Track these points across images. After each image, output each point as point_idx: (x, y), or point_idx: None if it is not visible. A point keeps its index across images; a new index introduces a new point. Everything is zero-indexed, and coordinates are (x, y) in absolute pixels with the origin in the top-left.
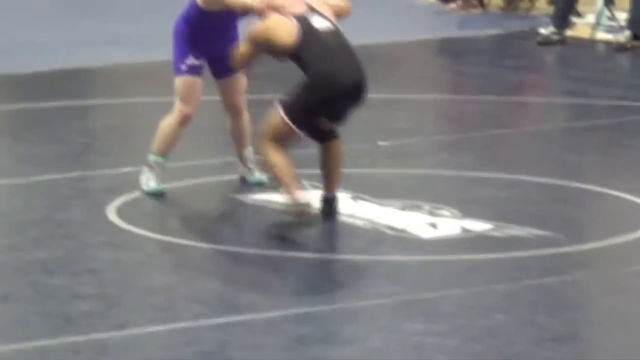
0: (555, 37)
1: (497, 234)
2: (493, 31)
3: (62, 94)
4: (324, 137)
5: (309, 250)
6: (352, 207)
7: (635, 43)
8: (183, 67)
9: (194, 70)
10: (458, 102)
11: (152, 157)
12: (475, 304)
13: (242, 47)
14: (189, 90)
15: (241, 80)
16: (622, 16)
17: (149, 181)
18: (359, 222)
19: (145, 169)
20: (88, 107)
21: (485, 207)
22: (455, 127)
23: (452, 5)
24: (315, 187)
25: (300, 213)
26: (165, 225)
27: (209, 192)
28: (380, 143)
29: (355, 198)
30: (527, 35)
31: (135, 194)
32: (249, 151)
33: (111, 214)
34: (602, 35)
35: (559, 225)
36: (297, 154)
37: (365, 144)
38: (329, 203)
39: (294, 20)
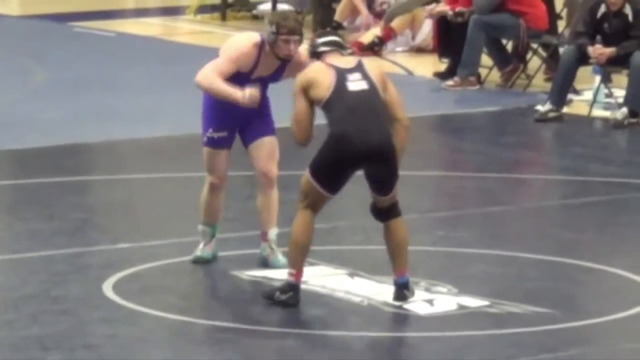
0: (552, 114)
1: (493, 310)
2: (490, 108)
3: (61, 170)
4: (383, 215)
5: (306, 326)
6: (349, 284)
7: (633, 120)
8: (205, 138)
9: (213, 143)
10: (456, 179)
11: (199, 227)
12: None
13: (295, 107)
14: (211, 160)
15: (272, 144)
16: (620, 93)
17: (196, 249)
18: (356, 299)
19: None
20: (87, 182)
21: (481, 284)
22: (452, 204)
23: (449, 82)
24: (312, 264)
25: (290, 298)
26: (162, 301)
27: (206, 267)
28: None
29: (351, 275)
30: (525, 112)
31: (133, 270)
32: (273, 232)
33: (108, 289)
34: (599, 112)
35: (555, 302)
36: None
37: (361, 220)
38: (399, 288)
39: (334, 74)
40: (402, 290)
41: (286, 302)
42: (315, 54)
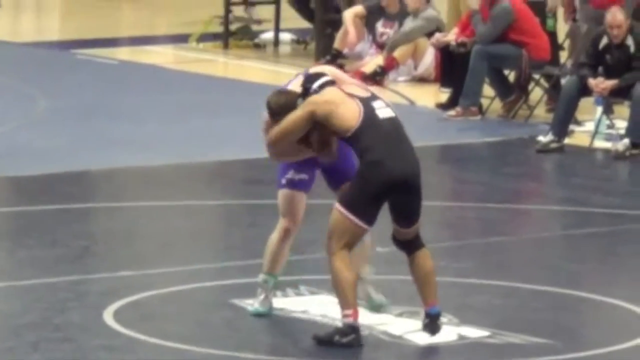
0: (554, 145)
1: (494, 341)
2: (492, 138)
3: (62, 197)
4: (408, 247)
5: (306, 356)
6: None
7: (634, 152)
8: (283, 181)
9: (293, 185)
10: (457, 209)
11: (260, 277)
12: None
13: (293, 117)
14: (288, 204)
15: None
16: (621, 124)
17: (255, 302)
18: None
19: (258, 290)
20: (88, 210)
21: (482, 314)
22: (454, 234)
23: (451, 112)
24: (313, 293)
25: (353, 340)
26: (162, 329)
27: (207, 296)
28: (379, 249)
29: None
30: (526, 142)
31: (134, 297)
32: (365, 272)
33: (109, 317)
34: (600, 143)
35: (556, 333)
36: (294, 259)
37: None
38: (432, 319)
39: (358, 102)
40: (435, 322)
41: (349, 345)
42: (314, 92)
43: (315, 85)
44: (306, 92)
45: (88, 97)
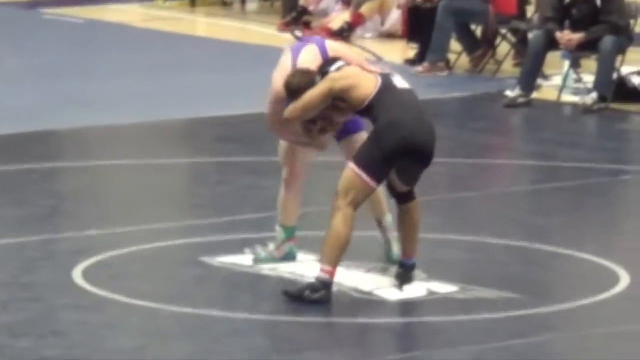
0: (521, 99)
1: (463, 296)
2: (459, 93)
3: (30, 157)
4: (402, 198)
5: (274, 312)
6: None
7: (602, 105)
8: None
9: None
10: None
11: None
12: None
13: (312, 93)
14: (286, 154)
15: (363, 138)
16: (589, 78)
17: (263, 250)
18: None
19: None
20: (56, 169)
21: (451, 269)
22: (422, 189)
23: (418, 68)
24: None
25: (323, 296)
26: (132, 287)
27: (175, 254)
28: None
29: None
30: (494, 97)
31: (102, 256)
32: (387, 219)
33: (77, 276)
34: (568, 97)
35: (525, 287)
36: (263, 216)
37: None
38: (404, 268)
39: (377, 75)
40: (408, 273)
41: (318, 301)
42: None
43: (333, 67)
44: (325, 74)
45: (55, 56)
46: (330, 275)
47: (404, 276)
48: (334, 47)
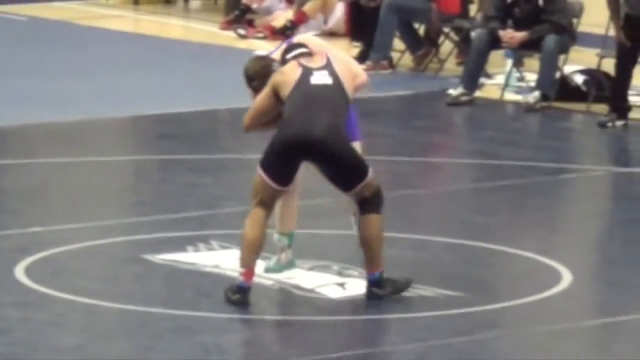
0: (464, 98)
1: (406, 294)
2: (403, 92)
3: None
4: (361, 207)
5: (218, 310)
6: (260, 267)
7: (544, 104)
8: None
9: None
10: (368, 163)
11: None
12: None
13: (259, 96)
14: None
15: (358, 148)
16: (532, 77)
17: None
18: (267, 282)
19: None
20: None
21: (393, 268)
22: None
23: (362, 66)
24: (224, 247)
25: (239, 300)
26: (75, 285)
27: (118, 252)
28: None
29: (263, 258)
30: (437, 96)
31: (45, 254)
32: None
33: (20, 274)
34: (511, 96)
35: (468, 286)
36: (205, 214)
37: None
38: (369, 284)
39: (301, 71)
40: (371, 288)
41: (236, 303)
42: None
43: (290, 56)
44: (284, 62)
45: None
46: (245, 277)
47: (369, 293)
48: (312, 40)
